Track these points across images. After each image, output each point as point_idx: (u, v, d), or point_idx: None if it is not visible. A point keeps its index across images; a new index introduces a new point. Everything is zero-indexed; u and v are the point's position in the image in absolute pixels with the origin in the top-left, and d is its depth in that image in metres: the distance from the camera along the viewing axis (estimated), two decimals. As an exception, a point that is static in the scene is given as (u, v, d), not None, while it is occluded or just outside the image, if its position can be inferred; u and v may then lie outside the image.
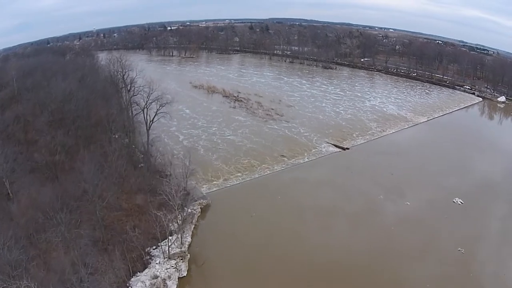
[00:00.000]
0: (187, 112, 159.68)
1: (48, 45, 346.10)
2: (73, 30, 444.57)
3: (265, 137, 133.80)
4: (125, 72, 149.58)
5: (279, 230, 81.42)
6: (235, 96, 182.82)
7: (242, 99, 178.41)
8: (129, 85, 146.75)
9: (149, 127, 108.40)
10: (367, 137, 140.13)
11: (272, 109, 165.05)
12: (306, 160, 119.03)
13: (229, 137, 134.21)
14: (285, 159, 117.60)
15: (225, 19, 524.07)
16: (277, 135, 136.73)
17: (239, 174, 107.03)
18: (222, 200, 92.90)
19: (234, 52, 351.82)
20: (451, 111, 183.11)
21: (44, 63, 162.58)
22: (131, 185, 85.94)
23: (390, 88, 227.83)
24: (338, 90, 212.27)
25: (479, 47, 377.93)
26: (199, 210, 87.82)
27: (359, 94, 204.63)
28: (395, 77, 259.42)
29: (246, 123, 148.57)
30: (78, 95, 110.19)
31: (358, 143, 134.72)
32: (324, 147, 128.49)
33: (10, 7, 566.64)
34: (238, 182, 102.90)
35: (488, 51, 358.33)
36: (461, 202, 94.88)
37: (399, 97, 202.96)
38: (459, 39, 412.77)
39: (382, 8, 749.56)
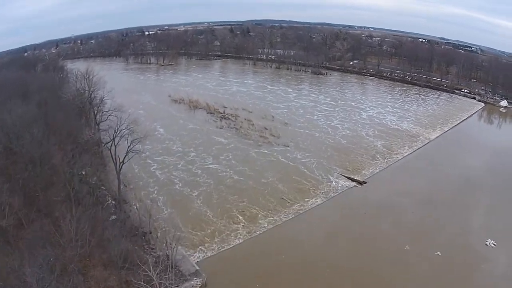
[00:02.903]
0: (161, 132, 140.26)
1: (26, 53, 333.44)
2: (52, 36, 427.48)
3: (255, 167, 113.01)
4: (92, 92, 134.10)
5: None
6: (221, 113, 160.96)
7: (230, 117, 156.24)
8: (97, 108, 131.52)
9: (120, 169, 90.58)
10: (380, 162, 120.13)
11: (266, 128, 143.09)
12: (314, 204, 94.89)
13: (211, 166, 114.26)
14: (288, 202, 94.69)
15: (203, 22, 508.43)
16: (269, 163, 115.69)
17: (232, 228, 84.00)
18: (219, 275, 70.62)
19: (215, 57, 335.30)
20: (459, 121, 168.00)
21: (5, 81, 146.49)
22: (100, 254, 66.82)
23: (384, 95, 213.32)
24: (328, 99, 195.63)
25: (462, 44, 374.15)
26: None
27: (352, 103, 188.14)
28: (390, 82, 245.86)
29: (229, 146, 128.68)
30: (33, 129, 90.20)
31: (372, 172, 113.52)
32: (333, 181, 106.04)
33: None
34: (230, 246, 78.46)
35: (471, 47, 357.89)
36: (494, 245, 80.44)
37: (396, 106, 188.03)
38: (440, 36, 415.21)
39: (360, 7, 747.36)
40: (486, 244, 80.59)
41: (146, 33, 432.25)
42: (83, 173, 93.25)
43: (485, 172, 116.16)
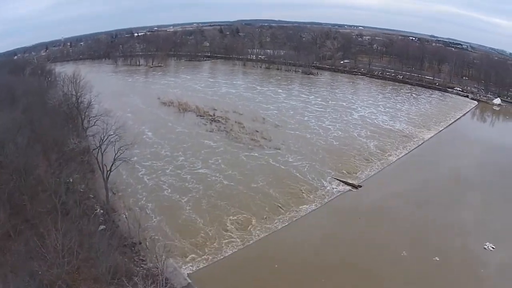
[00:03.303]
0: (149, 136, 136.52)
1: (15, 57, 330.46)
2: (42, 39, 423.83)
3: (245, 171, 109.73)
4: (79, 97, 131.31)
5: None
6: (211, 115, 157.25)
7: (220, 119, 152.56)
8: (84, 113, 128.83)
9: (107, 177, 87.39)
10: (374, 164, 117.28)
11: (257, 131, 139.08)
12: (308, 210, 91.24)
13: (200, 170, 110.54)
14: (280, 208, 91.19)
15: (193, 23, 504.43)
16: (260, 167, 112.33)
17: (224, 236, 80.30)
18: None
19: (205, 58, 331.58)
20: (453, 120, 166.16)
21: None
22: (88, 269, 63.82)
23: (375, 94, 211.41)
24: (319, 99, 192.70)
25: (452, 41, 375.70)
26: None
27: (343, 103, 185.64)
28: (381, 81, 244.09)
29: (218, 149, 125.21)
30: (18, 137, 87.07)
31: (366, 175, 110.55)
32: (327, 185, 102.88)
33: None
34: (222, 257, 74.71)
35: (462, 45, 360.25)
36: (493, 248, 78.25)
37: (388, 105, 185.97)
38: (430, 34, 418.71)
39: (350, 6, 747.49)
40: (485, 248, 78.43)
41: (135, 34, 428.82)
42: (71, 180, 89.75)
43: (482, 172, 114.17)
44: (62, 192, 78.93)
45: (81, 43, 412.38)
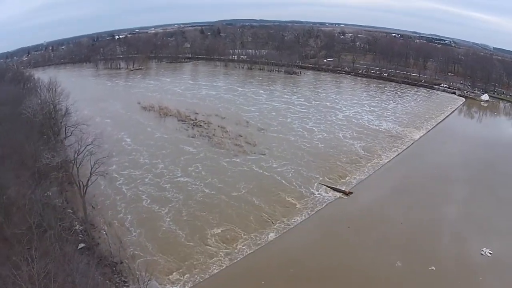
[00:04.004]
0: (128, 143, 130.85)
1: None
2: (24, 44, 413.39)
3: (227, 178, 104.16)
4: (56, 105, 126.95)
5: None
6: (192, 120, 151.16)
7: (202, 124, 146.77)
8: (60, 124, 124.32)
9: (84, 193, 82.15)
10: (364, 168, 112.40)
11: (241, 135, 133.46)
12: (296, 222, 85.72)
13: (180, 178, 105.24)
14: (266, 220, 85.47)
15: (174, 24, 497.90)
16: (242, 174, 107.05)
17: (208, 252, 74.81)
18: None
19: (186, 60, 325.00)
20: (442, 118, 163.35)
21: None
22: None
23: (359, 93, 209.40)
24: (302, 100, 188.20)
25: (435, 37, 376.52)
26: None
27: (327, 103, 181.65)
28: (366, 79, 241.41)
29: (199, 155, 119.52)
30: None
31: (357, 180, 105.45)
32: (316, 193, 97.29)
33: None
34: (207, 276, 69.24)
35: (444, 40, 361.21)
36: (490, 253, 75.03)
37: (373, 104, 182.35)
38: (412, 31, 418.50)
39: (330, 4, 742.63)
40: (482, 253, 75.41)
41: (116, 37, 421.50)
42: (49, 193, 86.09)
43: (477, 172, 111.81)
44: (39, 209, 74.12)
45: (63, 47, 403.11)
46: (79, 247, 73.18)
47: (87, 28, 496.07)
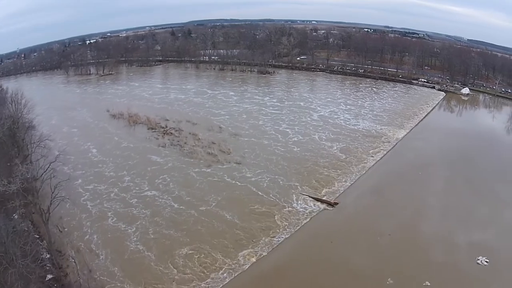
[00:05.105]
0: (94, 153, 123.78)
1: None
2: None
3: (197, 191, 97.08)
4: (19, 119, 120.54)
5: None
6: (163, 127, 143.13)
7: (173, 131, 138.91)
8: (22, 140, 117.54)
9: (47, 220, 75.48)
10: (347, 173, 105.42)
11: (214, 143, 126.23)
12: (278, 241, 78.37)
13: (147, 192, 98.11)
14: (245, 239, 78.36)
15: (146, 27, 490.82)
16: (212, 185, 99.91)
17: (180, 280, 68.07)
18: None
19: (157, 63, 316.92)
20: (424, 115, 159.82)
21: None
22: None
23: (334, 91, 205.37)
24: (274, 100, 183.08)
25: (408, 31, 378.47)
26: None
27: (301, 103, 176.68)
28: (341, 76, 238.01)
29: (166, 165, 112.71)
30: None
31: (341, 187, 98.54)
32: (297, 204, 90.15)
33: None
34: None
35: (418, 34, 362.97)
36: (486, 262, 71.17)
37: (349, 102, 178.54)
38: (384, 25, 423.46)
39: (301, 1, 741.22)
40: (478, 263, 71.53)
41: (87, 42, 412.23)
42: (15, 217, 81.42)
43: (468, 171, 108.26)
44: (2, 238, 67.54)
45: (35, 54, 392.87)
46: (47, 279, 68.20)
47: (60, 34, 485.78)
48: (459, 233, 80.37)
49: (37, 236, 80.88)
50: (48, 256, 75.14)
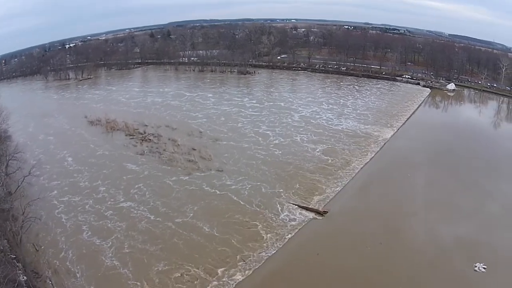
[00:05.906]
0: (69, 162, 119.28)
1: None
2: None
3: (175, 201, 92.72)
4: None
5: None
6: (141, 133, 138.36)
7: (152, 138, 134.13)
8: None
9: (19, 241, 72.53)
10: (337, 179, 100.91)
11: (194, 149, 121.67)
12: (263, 257, 73.16)
13: (122, 204, 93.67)
14: (226, 257, 73.24)
15: (125, 29, 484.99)
16: (189, 194, 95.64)
17: None
18: None
19: (135, 65, 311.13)
20: (410, 113, 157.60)
21: None
22: None
23: (314, 90, 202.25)
24: (254, 101, 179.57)
25: (388, 27, 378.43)
26: None
27: (282, 103, 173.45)
28: (323, 75, 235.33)
29: (142, 174, 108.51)
30: None
31: (330, 193, 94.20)
32: (282, 215, 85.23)
33: None
34: None
35: (399, 30, 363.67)
36: (484, 268, 68.91)
37: (331, 101, 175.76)
38: (364, 22, 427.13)
39: (280, 0, 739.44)
40: (476, 270, 69.17)
41: (67, 46, 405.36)
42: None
43: (460, 172, 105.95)
44: None
45: (15, 59, 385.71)
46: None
47: (41, 39, 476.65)
48: (455, 240, 77.58)
49: (14, 256, 76.59)
50: (24, 278, 70.67)
